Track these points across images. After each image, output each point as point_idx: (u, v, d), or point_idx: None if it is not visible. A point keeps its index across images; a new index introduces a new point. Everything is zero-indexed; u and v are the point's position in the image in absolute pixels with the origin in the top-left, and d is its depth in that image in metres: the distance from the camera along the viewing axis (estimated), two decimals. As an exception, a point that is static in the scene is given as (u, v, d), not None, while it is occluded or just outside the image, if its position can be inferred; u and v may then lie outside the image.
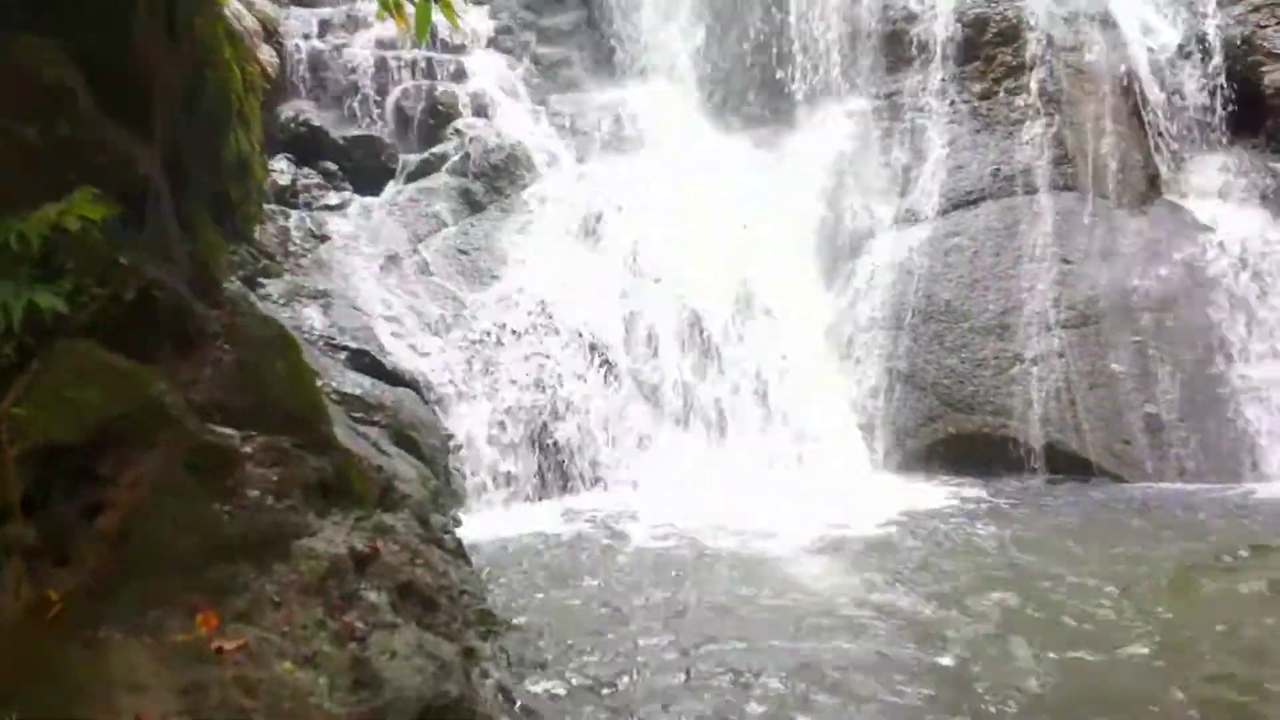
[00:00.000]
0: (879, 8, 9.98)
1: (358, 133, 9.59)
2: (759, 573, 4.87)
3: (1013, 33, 9.32)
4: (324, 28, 10.25)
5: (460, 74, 10.17)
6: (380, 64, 9.94)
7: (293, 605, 2.58)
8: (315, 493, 3.10)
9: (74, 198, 2.47)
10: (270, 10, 9.38)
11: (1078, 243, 8.33)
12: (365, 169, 9.36)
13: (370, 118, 9.87)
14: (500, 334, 7.47)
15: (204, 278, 3.44)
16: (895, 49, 9.97)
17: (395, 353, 6.75)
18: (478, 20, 10.71)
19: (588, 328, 7.75)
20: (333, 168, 9.10)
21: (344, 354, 6.47)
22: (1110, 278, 8.11)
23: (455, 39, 10.22)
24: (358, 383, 6.06)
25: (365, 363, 6.47)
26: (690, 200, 8.95)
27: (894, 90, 9.92)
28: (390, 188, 9.18)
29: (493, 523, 6.15)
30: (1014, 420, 7.67)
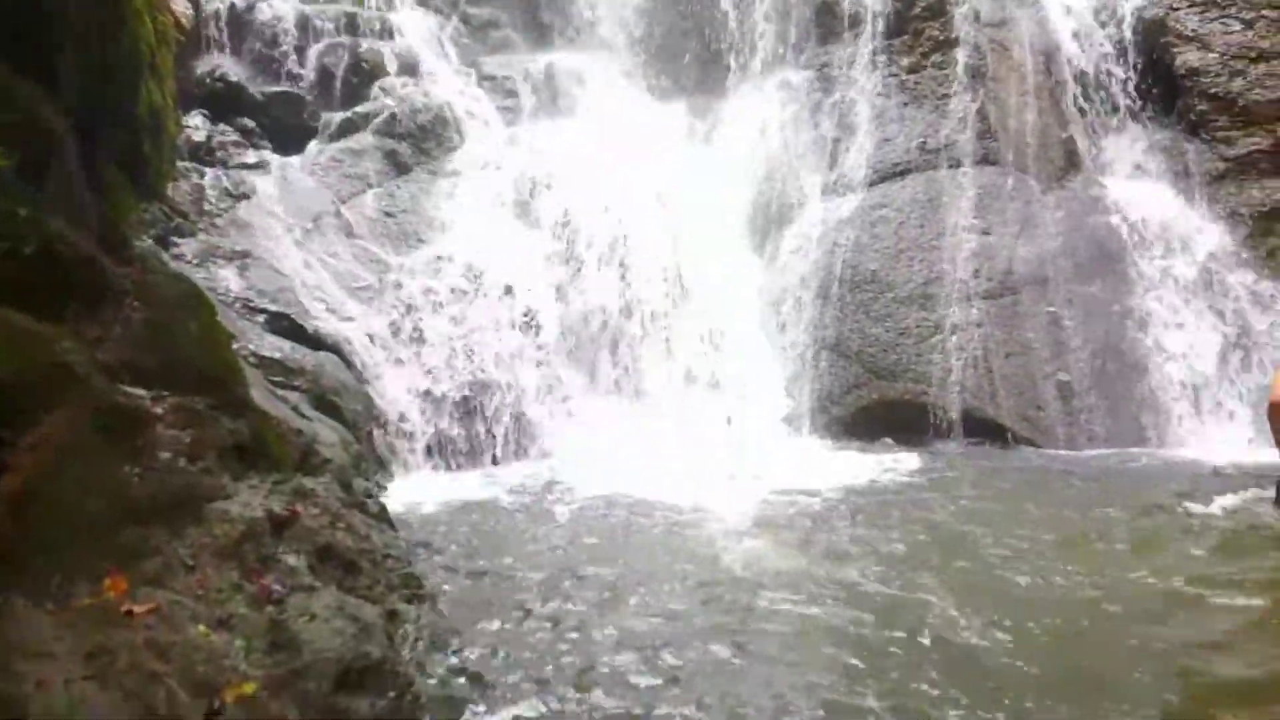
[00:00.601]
0: (812, -22, 10.02)
1: (278, 89, 9.26)
2: (685, 539, 4.93)
3: (940, 7, 9.46)
4: (243, -21, 9.84)
5: (386, 31, 9.88)
6: (302, 20, 9.60)
7: (207, 569, 2.52)
8: (231, 455, 3.02)
9: (-33, 147, 2.33)
10: (184, -41, 8.95)
11: (998, 216, 8.56)
12: (286, 127, 9.05)
13: (291, 75, 9.54)
14: (428, 299, 7.35)
15: (113, 234, 3.30)
16: (827, 20, 10.04)
17: (317, 316, 6.58)
18: (405, -24, 10.44)
19: (517, 294, 7.68)
20: (251, 125, 8.76)
21: (263, 317, 6.28)
22: (1028, 250, 8.37)
23: (381, -5, 9.95)
24: (277, 346, 5.90)
25: (285, 326, 6.30)
26: (623, 167, 8.89)
27: (825, 62, 10.00)
28: (312, 147, 8.90)
29: (420, 489, 6.08)
30: (934, 388, 7.88)
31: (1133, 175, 9.15)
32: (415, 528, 5.01)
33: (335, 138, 8.96)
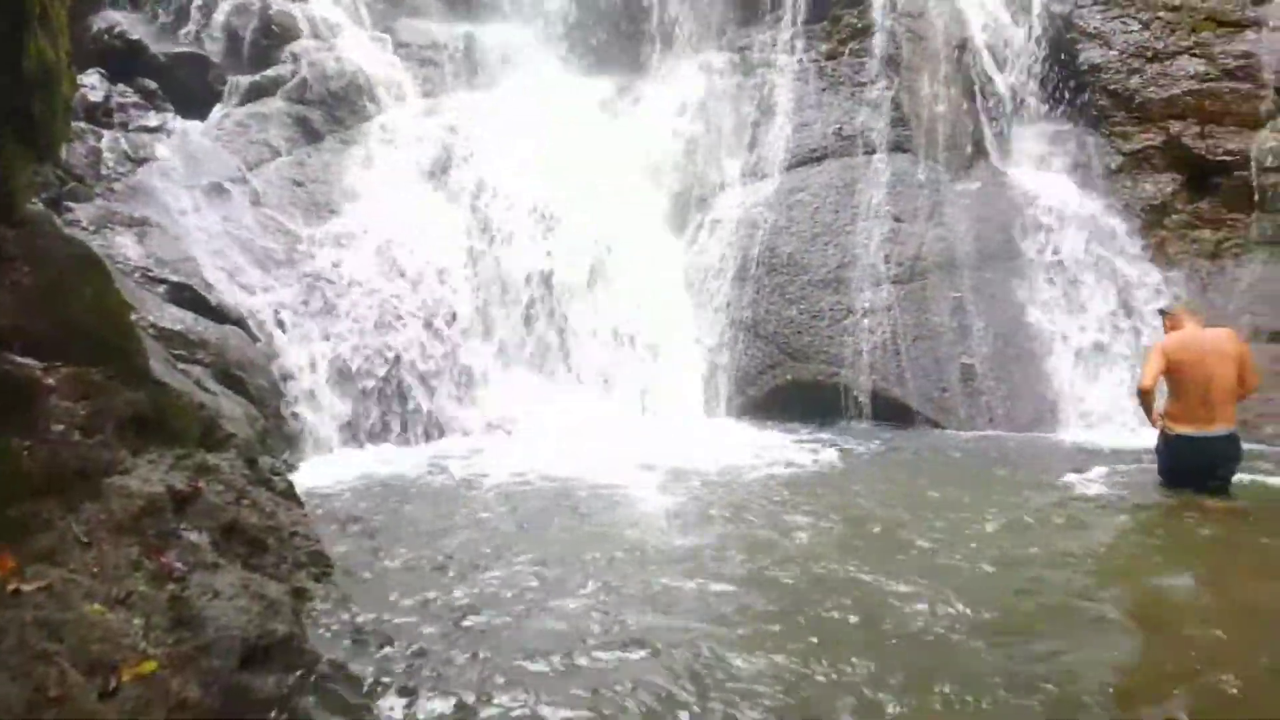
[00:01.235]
0: (734, -40, 10.06)
1: (181, 49, 8.86)
2: (599, 519, 4.94)
3: (859, -5, 9.62)
4: (144, -69, 9.35)
5: (298, -7, 9.53)
6: (208, -24, 9.18)
7: (104, 545, 2.42)
8: (130, 428, 2.91)
9: None
10: (78, -96, 8.43)
11: (909, 203, 8.79)
12: (189, 89, 8.66)
13: (196, 34, 9.13)
14: (339, 271, 7.16)
15: (1, 196, 3.11)
16: (748, 4, 10.11)
17: (221, 288, 6.33)
18: (318, -63, 10.05)
19: (433, 268, 7.55)
20: (152, 86, 8.35)
21: (163, 287, 6.01)
22: (936, 237, 8.63)
23: (293, -45, 9.56)
24: (178, 318, 5.67)
25: (187, 297, 6.04)
26: (544, 142, 8.81)
27: (745, 45, 10.08)
28: (217, 110, 8.54)
29: (330, 466, 5.95)
30: (845, 369, 8.09)
31: (1037, 166, 9.51)
32: (325, 505, 4.90)
33: (243, 102, 8.62)
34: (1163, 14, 9.27)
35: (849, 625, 3.41)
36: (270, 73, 8.83)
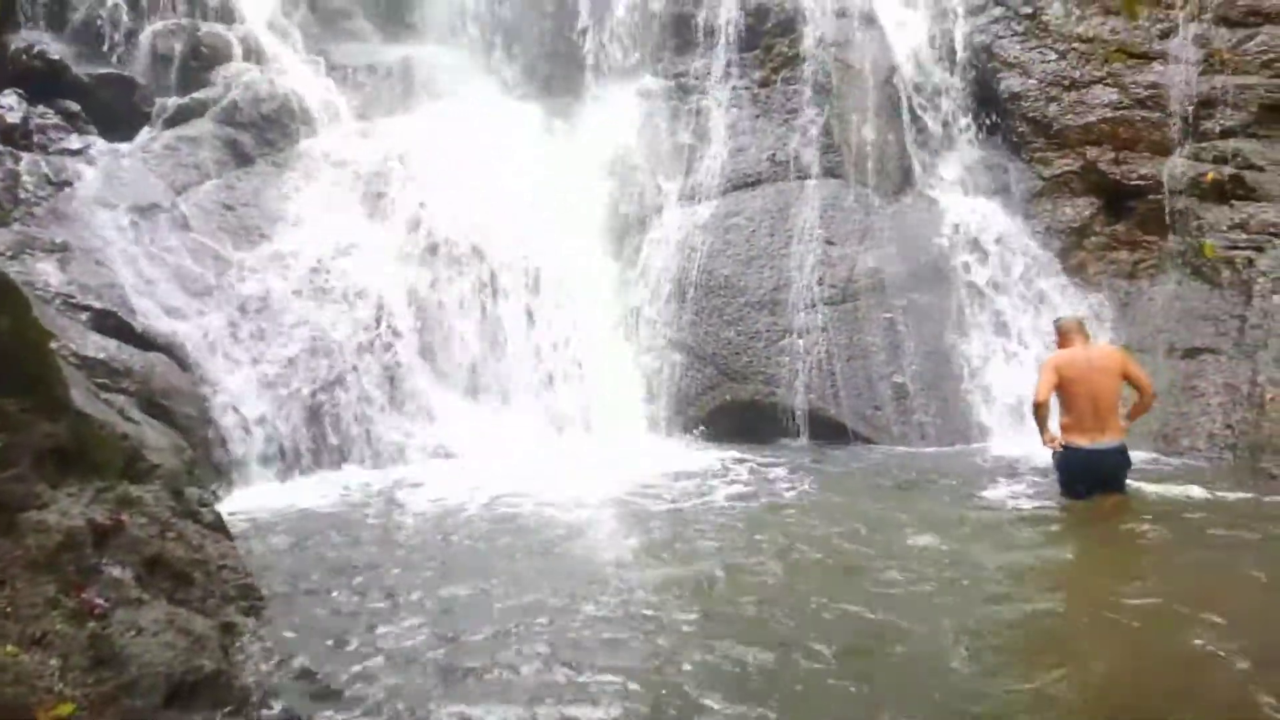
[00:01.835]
0: (668, -11, 10.22)
1: (106, 70, 8.63)
2: (538, 542, 4.92)
3: (790, 24, 9.85)
4: (66, -51, 9.12)
5: (228, 14, 9.38)
6: (134, -4, 8.99)
7: (18, 583, 2.34)
8: (48, 460, 2.82)
9: None
10: (-5, -78, 8.21)
11: (841, 227, 8.99)
12: (114, 111, 8.44)
13: (121, 55, 8.91)
14: (271, 297, 7.02)
15: (-94, 219, 3.02)
16: (683, 31, 10.26)
17: (147, 314, 6.17)
18: (249, -41, 9.93)
19: (368, 294, 7.46)
20: (75, 108, 8.11)
21: (86, 314, 5.83)
22: (867, 259, 8.83)
23: (223, -25, 9.43)
24: (101, 346, 5.50)
25: (111, 325, 5.87)
26: (481, 166, 8.80)
27: (681, 71, 10.22)
28: (144, 133, 8.34)
29: (261, 496, 5.82)
30: (782, 389, 8.22)
31: (963, 190, 9.80)
32: (256, 537, 4.79)
33: (170, 124, 8.43)
34: (1078, 45, 9.67)
35: (787, 647, 3.46)
36: (200, 95, 8.66)
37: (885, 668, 3.23)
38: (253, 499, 5.72)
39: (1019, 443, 7.64)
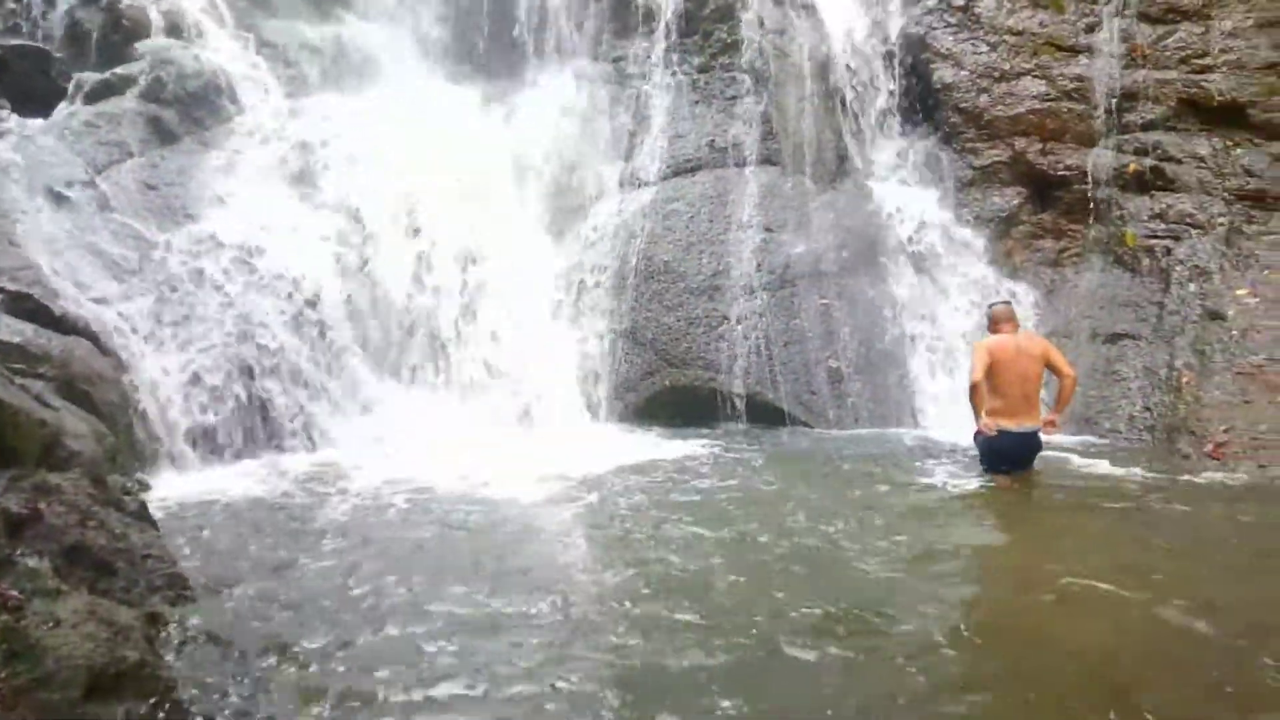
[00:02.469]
0: (607, -29, 10.14)
1: (18, 42, 8.26)
2: (480, 529, 4.88)
3: (729, 11, 9.87)
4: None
5: (151, -13, 9.02)
6: (48, -34, 8.60)
7: (-75, 575, 2.24)
8: (-43, 449, 2.70)
9: None
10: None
11: (778, 214, 9.07)
12: (28, 85, 8.09)
13: (36, 28, 8.54)
14: (197, 279, 6.81)
15: None
16: (622, 15, 10.22)
17: (66, 297, 5.92)
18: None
19: (298, 277, 7.27)
20: (-15, 81, 7.76)
21: (0, 297, 5.58)
22: (804, 246, 8.93)
23: (145, -54, 9.05)
24: (17, 330, 5.26)
25: (27, 308, 5.62)
26: (416, 148, 8.63)
27: (621, 56, 10.18)
28: (61, 109, 7.99)
29: (188, 484, 5.66)
30: (721, 374, 8.29)
31: (895, 179, 9.97)
32: (182, 525, 4.66)
33: (90, 100, 8.09)
34: (1008, 37, 9.90)
35: (732, 636, 3.49)
36: (120, 70, 8.33)
37: (835, 653, 3.28)
38: (180, 486, 5.55)
39: (949, 426, 7.84)
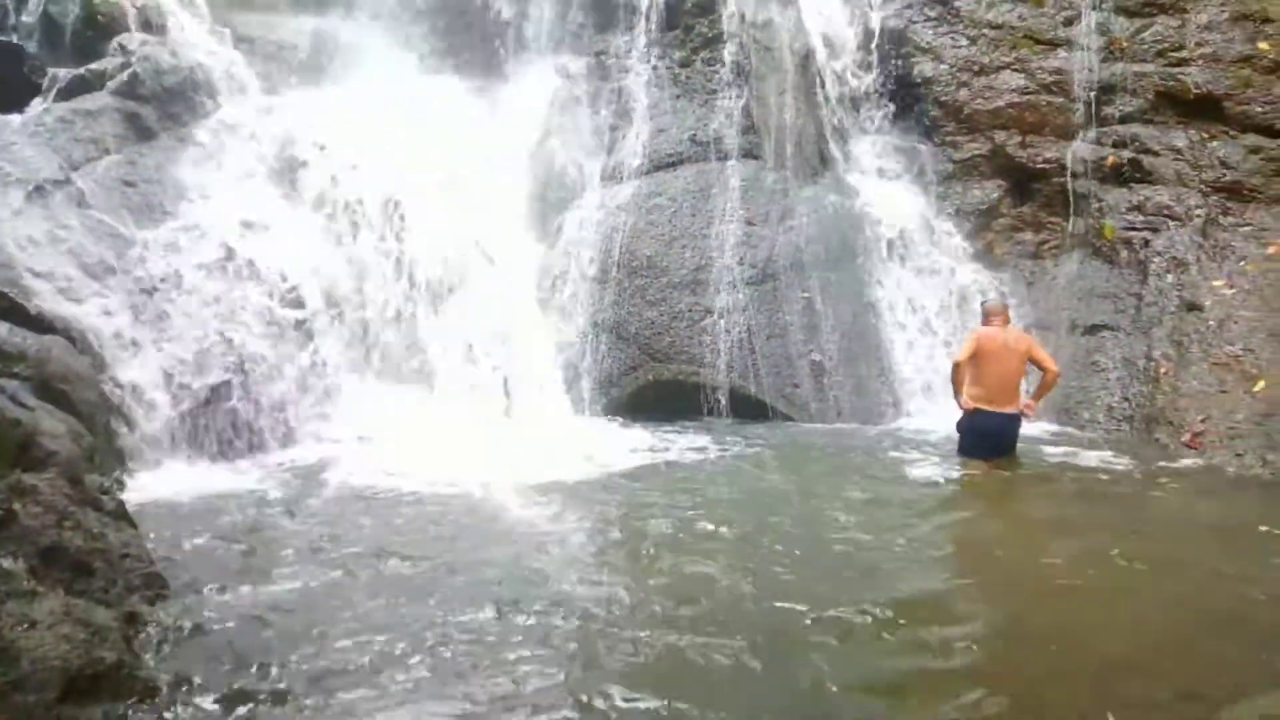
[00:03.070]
0: (588, -34, 10.11)
1: (-10, 38, 8.15)
2: (462, 528, 4.86)
3: (709, 5, 9.85)
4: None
5: (126, -19, 8.91)
6: (22, -41, 8.48)
7: (-103, 578, 2.22)
8: (-71, 450, 2.67)
9: None
10: None
11: (760, 208, 9.09)
12: (2, 82, 7.97)
13: (10, 23, 8.42)
14: (176, 277, 6.75)
15: None
16: (604, 9, 10.18)
17: (42, 296, 5.86)
18: (148, -77, 9.44)
19: (279, 273, 7.22)
20: (-44, 77, 7.64)
21: (-26, 296, 5.51)
22: (785, 240, 8.96)
23: (119, -60, 8.94)
24: (-8, 329, 5.21)
25: (1, 306, 5.55)
26: (395, 144, 8.59)
27: (602, 49, 10.15)
28: (36, 105, 7.89)
29: (168, 483, 5.61)
30: (704, 368, 8.30)
31: (876, 173, 10.01)
32: (162, 525, 4.62)
33: (65, 96, 7.98)
34: (987, 31, 9.95)
35: (718, 629, 3.51)
36: (96, 66, 8.21)
37: (813, 646, 3.31)
38: (159, 486, 5.51)
39: (930, 417, 7.89)
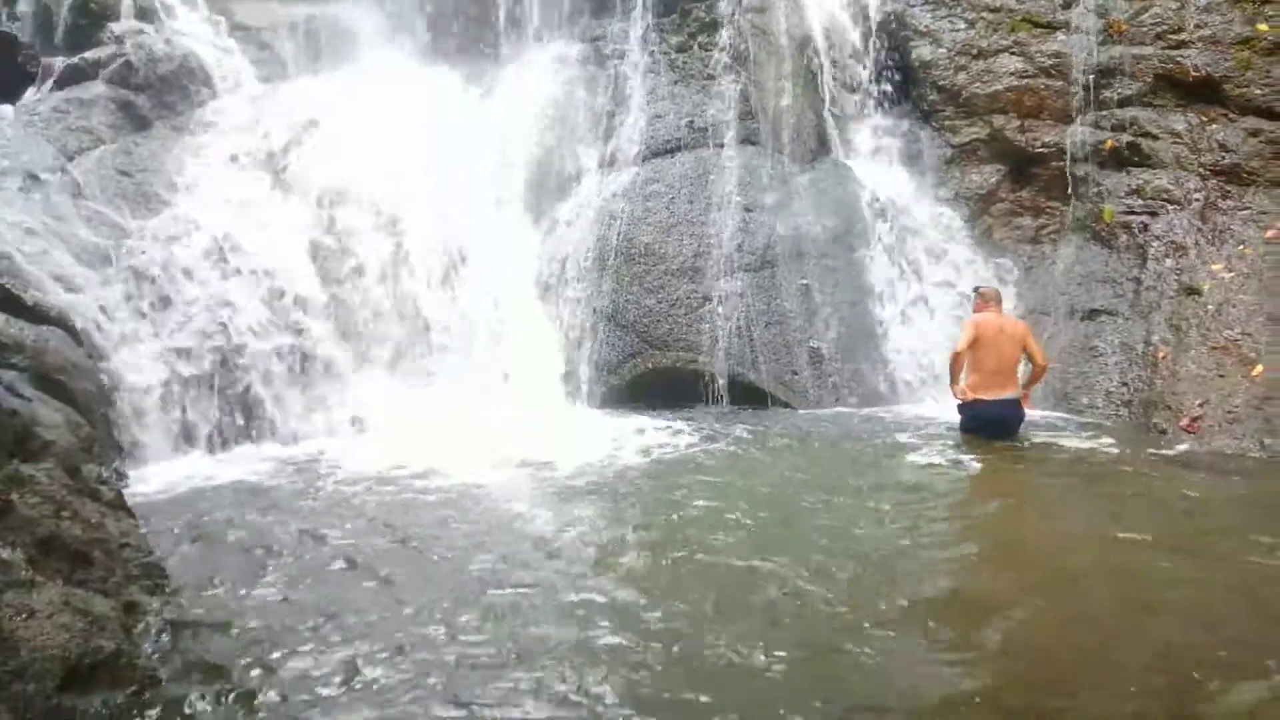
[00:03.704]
0: (584, -49, 10.06)
1: (-17, 27, 8.11)
2: (457, 517, 4.86)
3: (706, -11, 9.81)
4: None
5: (120, -31, 8.87)
6: (14, -52, 8.44)
7: (-106, 569, 2.22)
8: (-75, 440, 2.67)
9: None
10: None
11: (758, 194, 9.06)
12: (-4, 71, 7.95)
13: (3, 12, 8.39)
14: (171, 266, 6.74)
15: None
16: (600, -6, 10.14)
17: (39, 286, 5.85)
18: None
19: (275, 262, 7.21)
20: (-49, 66, 7.61)
21: (-30, 287, 5.50)
22: (784, 226, 8.93)
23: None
24: (-11, 320, 5.20)
25: (-1, 297, 5.56)
26: (392, 131, 8.56)
27: (599, 35, 10.10)
28: (30, 95, 7.88)
29: (167, 473, 5.63)
30: (703, 355, 8.29)
31: (875, 158, 9.97)
32: (160, 514, 4.63)
33: (59, 85, 7.98)
34: (985, 14, 9.89)
35: (717, 620, 3.51)
36: (90, 55, 8.20)
37: (839, 640, 3.32)
38: (158, 476, 5.52)
39: (928, 403, 7.90)
